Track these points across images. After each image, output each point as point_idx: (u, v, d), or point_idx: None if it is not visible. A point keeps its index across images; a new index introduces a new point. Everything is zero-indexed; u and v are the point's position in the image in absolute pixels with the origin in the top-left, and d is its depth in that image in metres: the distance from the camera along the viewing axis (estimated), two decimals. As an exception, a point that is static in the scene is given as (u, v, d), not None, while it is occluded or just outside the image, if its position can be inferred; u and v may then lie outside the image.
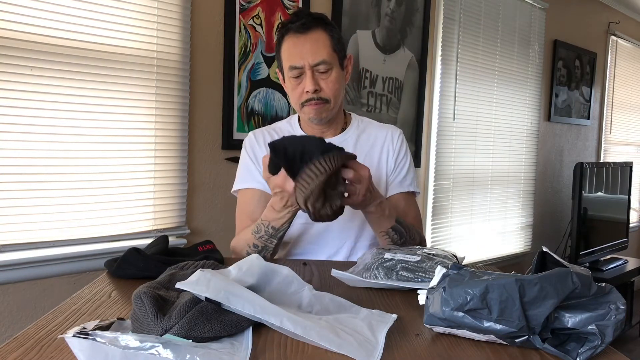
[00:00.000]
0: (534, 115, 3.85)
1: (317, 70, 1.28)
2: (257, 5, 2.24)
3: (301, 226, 1.37)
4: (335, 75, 1.30)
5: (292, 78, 1.30)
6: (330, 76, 1.29)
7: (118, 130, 1.89)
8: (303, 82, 1.28)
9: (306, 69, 1.27)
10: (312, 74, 1.27)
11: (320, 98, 1.29)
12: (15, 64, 1.65)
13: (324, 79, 1.29)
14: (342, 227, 1.37)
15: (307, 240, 1.38)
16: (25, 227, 1.72)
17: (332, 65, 1.29)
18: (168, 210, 2.06)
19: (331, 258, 1.37)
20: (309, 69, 1.27)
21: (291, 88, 1.32)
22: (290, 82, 1.31)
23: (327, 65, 1.28)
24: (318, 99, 1.29)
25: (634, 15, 4.93)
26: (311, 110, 1.31)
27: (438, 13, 3.07)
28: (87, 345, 0.62)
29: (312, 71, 1.27)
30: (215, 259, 1.15)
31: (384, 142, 1.44)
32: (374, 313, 0.85)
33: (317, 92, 1.28)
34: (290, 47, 1.29)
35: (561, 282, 0.71)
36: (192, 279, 0.76)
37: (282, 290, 0.86)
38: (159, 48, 1.97)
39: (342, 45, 1.34)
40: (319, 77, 1.28)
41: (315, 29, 1.28)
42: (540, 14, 3.77)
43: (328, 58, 1.28)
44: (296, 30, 1.28)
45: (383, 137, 1.44)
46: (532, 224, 3.95)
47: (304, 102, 1.31)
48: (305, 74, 1.28)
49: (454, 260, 1.08)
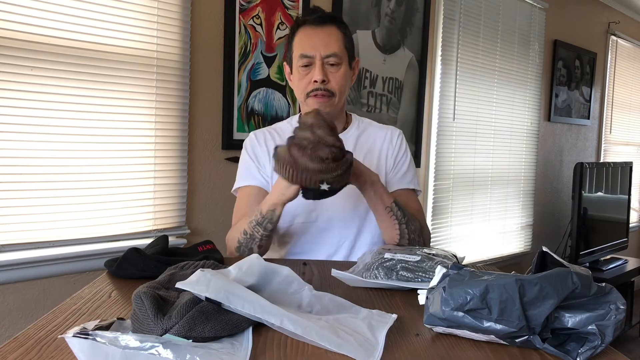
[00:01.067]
0: (534, 115, 3.85)
1: (327, 62, 1.31)
2: (257, 5, 2.24)
3: (302, 225, 1.37)
4: (344, 71, 1.33)
5: (301, 67, 1.32)
6: (339, 71, 1.32)
7: (118, 130, 1.89)
8: (312, 72, 1.31)
9: (317, 59, 1.30)
10: (321, 65, 1.30)
11: (327, 90, 1.31)
12: (15, 64, 1.65)
13: (332, 72, 1.32)
14: (342, 226, 1.37)
15: (307, 240, 1.38)
16: (25, 227, 1.72)
17: (342, 60, 1.32)
18: (168, 210, 2.06)
19: (330, 257, 1.37)
20: (319, 59, 1.30)
21: (298, 77, 1.34)
22: (298, 71, 1.33)
23: (338, 58, 1.31)
24: (325, 89, 1.31)
25: (634, 15, 4.93)
26: (315, 102, 1.32)
27: (438, 13, 3.07)
28: (87, 345, 0.62)
29: (322, 62, 1.30)
30: (215, 259, 1.15)
31: (383, 142, 1.44)
32: (374, 313, 0.85)
33: (324, 82, 1.30)
34: (304, 37, 1.33)
35: (561, 282, 0.71)
36: (193, 278, 0.76)
37: (282, 290, 0.86)
38: (159, 48, 1.97)
39: (352, 45, 1.38)
40: (328, 69, 1.31)
41: (330, 25, 1.33)
42: (540, 14, 3.77)
43: (339, 52, 1.32)
44: (312, 23, 1.33)
45: (382, 138, 1.45)
46: (532, 224, 3.95)
47: (309, 92, 1.32)
48: (315, 64, 1.30)
49: (454, 260, 1.08)
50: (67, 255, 1.80)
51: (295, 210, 1.36)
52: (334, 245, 1.38)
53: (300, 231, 1.38)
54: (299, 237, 1.39)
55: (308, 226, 1.37)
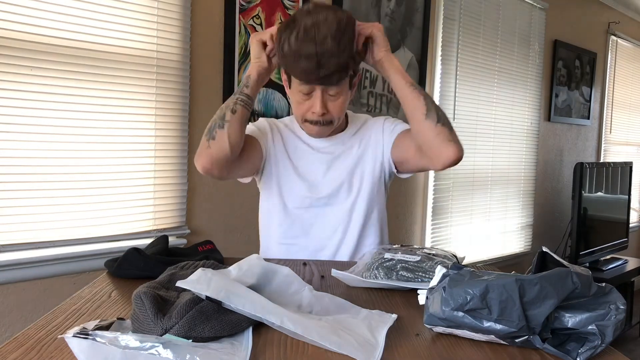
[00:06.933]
0: (534, 115, 3.85)
1: (327, 92, 1.26)
2: (257, 5, 2.24)
3: (296, 211, 1.39)
4: (344, 97, 1.30)
5: (300, 92, 1.28)
6: (338, 100, 1.29)
7: (118, 130, 1.89)
8: (311, 101, 1.27)
9: (317, 90, 1.25)
10: (322, 96, 1.26)
11: (325, 121, 1.30)
12: (15, 64, 1.65)
13: (332, 102, 1.28)
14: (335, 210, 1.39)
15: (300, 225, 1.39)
16: (25, 227, 1.72)
17: (343, 89, 1.28)
18: (168, 210, 2.06)
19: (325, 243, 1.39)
20: (320, 90, 1.25)
21: (297, 101, 1.30)
22: (297, 93, 1.29)
23: (338, 89, 1.27)
24: (323, 121, 1.30)
25: (634, 15, 4.93)
26: (313, 129, 1.33)
27: (438, 13, 3.07)
28: (87, 345, 0.62)
29: (323, 93, 1.26)
30: (216, 259, 1.15)
31: (367, 132, 1.45)
32: (374, 313, 0.85)
33: (324, 115, 1.28)
34: None
35: (561, 282, 0.71)
36: (193, 277, 0.76)
37: (282, 291, 0.86)
38: (159, 48, 1.97)
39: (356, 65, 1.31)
40: (328, 99, 1.27)
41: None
42: (540, 14, 3.77)
43: (341, 84, 1.27)
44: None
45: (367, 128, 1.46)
46: (532, 224, 3.95)
47: (307, 120, 1.31)
48: (315, 92, 1.26)
49: (454, 260, 1.08)
50: (67, 255, 1.80)
51: (290, 195, 1.38)
52: (329, 230, 1.39)
53: (294, 216, 1.39)
54: (293, 222, 1.39)
55: (303, 211, 1.39)
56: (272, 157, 1.40)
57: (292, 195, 1.39)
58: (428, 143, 1.24)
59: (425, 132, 1.24)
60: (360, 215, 1.40)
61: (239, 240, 2.24)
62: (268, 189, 1.42)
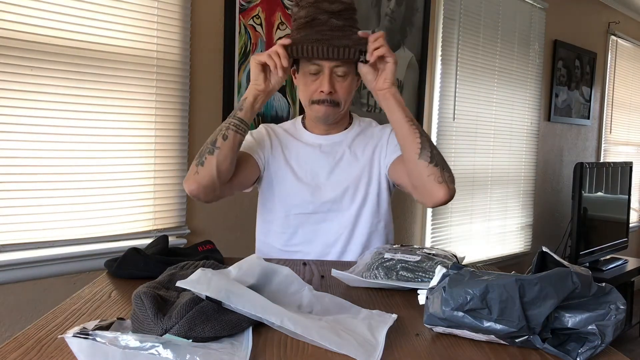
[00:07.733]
0: (534, 115, 3.85)
1: (335, 73, 1.30)
2: (257, 5, 2.24)
3: (298, 217, 1.39)
4: (350, 81, 1.33)
5: (308, 73, 1.31)
6: (346, 81, 1.32)
7: (118, 130, 1.89)
8: (319, 81, 1.30)
9: (325, 68, 1.29)
10: (330, 75, 1.29)
11: (333, 101, 1.32)
12: (15, 64, 1.65)
13: (339, 82, 1.31)
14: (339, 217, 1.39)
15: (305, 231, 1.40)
16: (25, 227, 1.72)
17: (350, 71, 1.32)
18: (168, 210, 2.06)
19: (329, 248, 1.39)
20: (328, 69, 1.29)
21: (305, 83, 1.34)
22: (305, 76, 1.33)
23: (346, 69, 1.30)
24: (330, 101, 1.32)
25: (634, 15, 4.93)
26: (320, 110, 1.34)
27: (438, 13, 3.07)
28: (87, 345, 0.62)
29: (331, 72, 1.29)
30: (216, 259, 1.15)
31: (372, 138, 1.46)
32: (374, 313, 0.85)
33: (331, 94, 1.31)
34: None
35: (561, 282, 0.71)
36: (193, 277, 0.76)
37: (282, 290, 0.86)
38: (159, 48, 1.97)
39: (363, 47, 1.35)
40: (335, 79, 1.31)
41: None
42: (540, 14, 3.77)
43: (348, 66, 1.31)
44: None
45: (378, 135, 1.46)
46: (532, 224, 3.95)
47: (315, 101, 1.33)
48: (323, 73, 1.29)
49: (454, 260, 1.08)
50: (67, 255, 1.80)
51: (292, 202, 1.39)
52: (333, 236, 1.39)
53: (297, 223, 1.40)
54: (296, 229, 1.40)
55: (305, 218, 1.39)
56: (271, 166, 1.41)
57: (294, 202, 1.39)
58: (420, 182, 1.27)
59: (418, 171, 1.26)
60: (366, 224, 1.40)
61: (239, 240, 2.24)
62: (269, 198, 1.43)
